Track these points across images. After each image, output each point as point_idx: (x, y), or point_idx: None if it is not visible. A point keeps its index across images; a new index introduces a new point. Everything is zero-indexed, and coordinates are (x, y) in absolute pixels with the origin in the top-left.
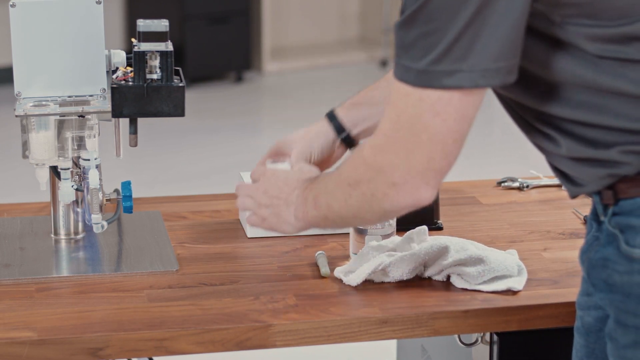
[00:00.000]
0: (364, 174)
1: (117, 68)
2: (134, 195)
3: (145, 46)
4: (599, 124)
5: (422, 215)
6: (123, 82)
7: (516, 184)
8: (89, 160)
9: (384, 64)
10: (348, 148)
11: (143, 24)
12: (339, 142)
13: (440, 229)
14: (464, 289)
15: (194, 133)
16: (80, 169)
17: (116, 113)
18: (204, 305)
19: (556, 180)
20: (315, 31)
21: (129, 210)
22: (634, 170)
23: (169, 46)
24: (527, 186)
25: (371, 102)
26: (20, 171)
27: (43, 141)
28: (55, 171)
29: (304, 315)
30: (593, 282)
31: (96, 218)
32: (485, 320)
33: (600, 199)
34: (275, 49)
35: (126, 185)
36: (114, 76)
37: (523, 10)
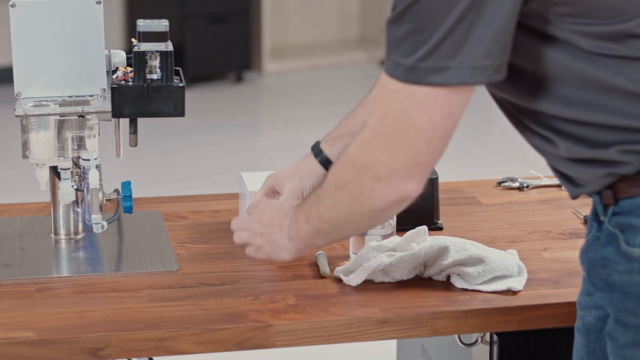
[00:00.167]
0: (350, 174)
1: (117, 68)
2: (134, 195)
3: (145, 46)
4: (596, 122)
5: (422, 215)
6: (123, 82)
7: (516, 184)
8: (89, 160)
9: (383, 64)
10: None
11: (143, 24)
12: None
13: (440, 229)
14: (464, 289)
15: (194, 133)
16: (80, 169)
17: (116, 113)
18: (204, 305)
19: (556, 180)
20: (315, 31)
21: (129, 210)
22: (633, 170)
23: (169, 46)
24: (527, 186)
25: (352, 133)
26: (20, 171)
27: (43, 141)
28: (55, 171)
29: (304, 315)
30: (593, 282)
31: (96, 218)
32: (485, 320)
33: (600, 199)
34: (275, 49)
35: (126, 185)
36: (114, 76)
37: (513, 10)
